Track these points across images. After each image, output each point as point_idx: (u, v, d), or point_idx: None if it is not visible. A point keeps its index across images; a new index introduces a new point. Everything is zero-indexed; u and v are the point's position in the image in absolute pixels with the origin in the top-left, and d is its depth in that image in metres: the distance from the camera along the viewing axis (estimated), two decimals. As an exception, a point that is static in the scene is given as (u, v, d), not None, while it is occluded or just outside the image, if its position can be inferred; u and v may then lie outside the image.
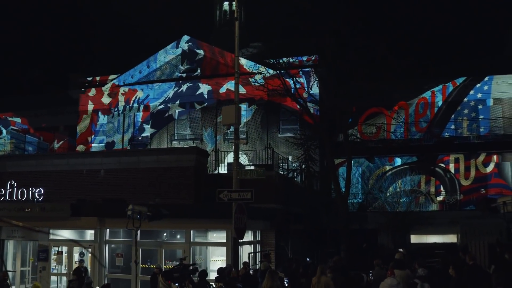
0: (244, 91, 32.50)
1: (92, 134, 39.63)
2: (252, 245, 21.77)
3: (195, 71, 37.62)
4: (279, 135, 34.49)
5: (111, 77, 39.81)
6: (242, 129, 33.29)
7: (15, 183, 23.14)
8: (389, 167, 35.16)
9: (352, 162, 25.66)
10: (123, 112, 38.96)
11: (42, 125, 41.84)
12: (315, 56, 32.79)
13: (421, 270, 13.97)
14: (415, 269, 14.82)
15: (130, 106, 38.85)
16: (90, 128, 39.78)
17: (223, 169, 32.25)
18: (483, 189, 33.42)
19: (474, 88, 34.88)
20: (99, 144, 39.14)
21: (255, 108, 35.44)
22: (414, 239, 29.14)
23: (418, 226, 27.48)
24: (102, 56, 61.27)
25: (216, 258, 19.71)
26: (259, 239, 22.34)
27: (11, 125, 43.08)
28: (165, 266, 18.49)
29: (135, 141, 38.23)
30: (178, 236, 20.08)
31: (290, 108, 32.74)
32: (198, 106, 37.09)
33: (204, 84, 37.04)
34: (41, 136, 41.54)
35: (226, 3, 43.42)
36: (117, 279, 20.04)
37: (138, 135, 38.51)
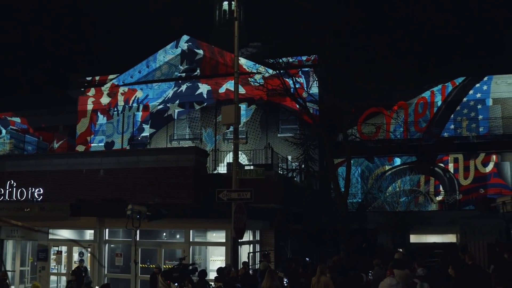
0: (244, 91, 32.49)
1: (91, 134, 39.62)
2: (251, 245, 21.77)
3: (195, 71, 37.61)
4: (279, 135, 34.48)
5: (110, 77, 39.80)
6: (241, 129, 33.30)
7: (15, 183, 23.14)
8: (388, 167, 35.18)
9: (351, 162, 25.66)
10: (122, 112, 38.95)
11: (41, 125, 41.82)
12: (314, 56, 32.80)
13: (421, 270, 13.98)
14: (414, 269, 14.83)
15: (130, 106, 38.84)
16: (89, 128, 39.77)
17: (222, 169, 32.26)
18: (482, 189, 33.44)
19: (473, 88, 34.89)
20: (99, 144, 39.13)
21: (254, 108, 35.43)
22: (414, 239, 29.16)
23: (417, 226, 27.48)
24: (101, 56, 61.33)
25: (216, 258, 19.71)
26: (258, 239, 22.34)
27: (11, 125, 43.07)
28: (165, 266, 18.49)
29: (134, 141, 38.22)
30: (177, 236, 20.08)
31: (289, 108, 32.73)
32: (198, 106, 37.08)
33: (203, 84, 37.03)
34: (41, 136, 41.52)
35: (225, 3, 43.42)
36: (117, 279, 20.04)
37: (137, 135, 38.51)
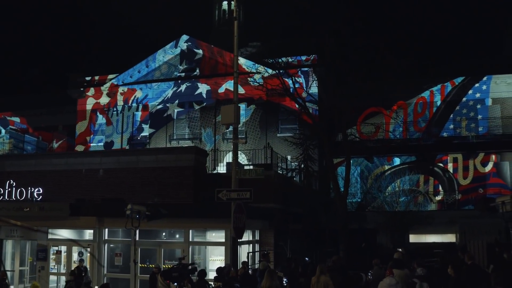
0: (243, 91, 32.48)
1: (90, 134, 39.61)
2: (251, 245, 21.78)
3: (194, 71, 37.60)
4: (278, 135, 34.47)
5: (110, 76, 39.77)
6: (241, 128, 33.31)
7: (14, 183, 23.15)
8: (387, 166, 35.19)
9: (351, 161, 25.66)
10: (121, 111, 38.94)
11: (41, 125, 41.79)
12: (314, 56, 32.78)
13: (420, 270, 13.98)
14: (414, 269, 14.83)
15: (129, 106, 38.83)
16: (89, 128, 39.76)
17: (222, 169, 32.24)
18: (481, 189, 33.45)
19: (472, 87, 34.88)
20: (98, 144, 39.12)
21: (254, 108, 35.43)
22: (413, 238, 29.19)
23: (417, 226, 27.51)
24: (101, 55, 61.31)
25: (215, 258, 19.72)
26: (258, 239, 22.35)
27: (10, 124, 43.04)
28: (164, 266, 18.50)
29: (134, 141, 38.21)
30: (177, 236, 20.09)
31: (289, 108, 32.73)
32: (197, 106, 37.07)
33: (203, 84, 37.02)
34: (40, 135, 41.49)
35: (225, 3, 43.40)
36: (116, 278, 20.05)
37: (137, 135, 38.49)
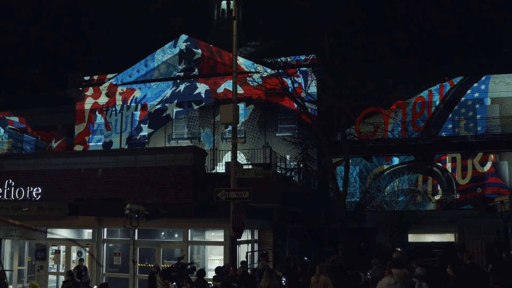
0: (242, 91, 32.45)
1: (89, 134, 39.60)
2: (250, 244, 21.78)
3: (193, 71, 37.60)
4: (277, 134, 34.48)
5: (109, 76, 39.76)
6: (240, 128, 33.30)
7: (13, 182, 23.12)
8: (386, 166, 35.21)
9: (350, 161, 25.67)
10: (120, 111, 38.93)
11: (40, 124, 41.76)
12: (313, 55, 32.80)
13: (419, 269, 14.02)
14: (413, 268, 14.87)
15: (128, 106, 38.83)
16: (87, 128, 39.75)
17: (221, 168, 32.21)
18: (479, 188, 33.46)
19: (471, 87, 34.90)
20: (97, 143, 39.11)
21: (252, 108, 35.44)
22: (412, 238, 29.20)
23: (415, 225, 27.54)
24: (100, 55, 61.19)
25: (214, 257, 19.73)
26: (257, 238, 22.34)
27: (9, 124, 43.03)
28: (163, 265, 18.51)
29: (132, 141, 38.21)
30: (176, 235, 20.09)
31: (288, 108, 32.75)
32: (196, 106, 37.07)
33: (201, 84, 37.02)
34: (39, 135, 41.47)
35: (224, 2, 43.44)
36: (115, 278, 20.05)
37: (135, 135, 38.49)
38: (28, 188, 22.75)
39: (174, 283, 14.52)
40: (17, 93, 46.21)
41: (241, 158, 33.42)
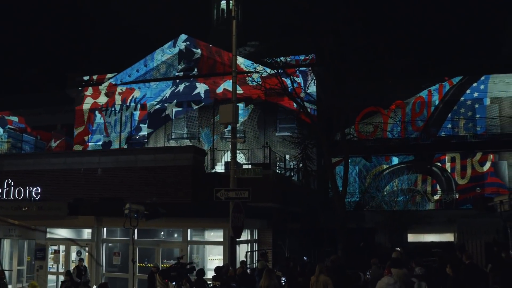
0: (241, 91, 32.47)
1: (89, 134, 39.58)
2: (249, 244, 21.79)
3: (192, 71, 37.58)
4: (276, 134, 34.48)
5: (108, 76, 39.72)
6: (239, 128, 33.29)
7: (12, 182, 23.11)
8: (386, 166, 35.20)
9: (349, 161, 25.67)
10: (120, 111, 38.92)
11: (39, 124, 41.74)
12: (312, 55, 32.81)
13: (418, 269, 14.03)
14: (412, 268, 14.87)
15: (127, 105, 38.81)
16: (87, 128, 39.74)
17: (220, 168, 32.22)
18: (478, 188, 33.46)
19: (470, 87, 34.88)
20: (96, 143, 39.10)
21: (252, 108, 35.44)
22: (411, 238, 29.18)
23: (415, 225, 27.52)
24: (99, 55, 61.25)
25: (213, 257, 19.74)
26: (256, 238, 22.36)
27: (8, 124, 42.99)
28: (163, 265, 18.51)
29: (132, 140, 38.20)
30: (175, 235, 20.10)
31: (287, 108, 32.76)
32: (195, 106, 37.07)
33: (201, 84, 37.01)
34: (38, 135, 41.45)
35: (223, 2, 43.41)
36: (115, 278, 20.06)
37: (135, 135, 38.48)
38: (27, 187, 22.74)
39: (174, 283, 14.53)
40: (16, 93, 46.25)
41: (241, 158, 33.41)
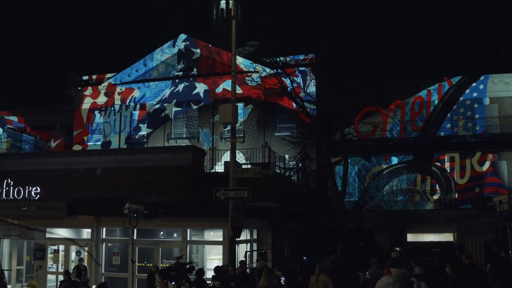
0: (241, 91, 32.49)
1: (88, 134, 39.58)
2: (248, 244, 21.79)
3: (192, 70, 37.59)
4: (276, 134, 34.48)
5: (107, 75, 39.73)
6: (238, 127, 33.30)
7: (12, 182, 23.10)
8: (385, 165, 35.21)
9: (348, 160, 25.67)
10: (119, 111, 38.91)
11: (39, 124, 41.73)
12: (312, 55, 32.83)
13: (418, 269, 14.03)
14: (411, 268, 14.87)
15: (127, 105, 38.80)
16: (86, 127, 39.73)
17: (220, 168, 32.20)
18: (477, 188, 33.47)
19: (470, 87, 34.90)
20: (95, 143, 39.09)
21: (251, 108, 35.44)
22: (411, 237, 29.19)
23: (414, 225, 27.54)
24: (99, 54, 61.23)
25: (213, 257, 19.74)
26: (255, 238, 22.36)
27: (8, 123, 42.97)
28: (162, 265, 18.50)
29: (131, 140, 38.19)
30: (174, 235, 20.10)
31: (286, 108, 32.77)
32: (195, 106, 37.07)
33: (200, 83, 37.01)
34: (38, 135, 41.43)
35: (223, 2, 43.45)
36: (114, 277, 20.05)
37: (134, 134, 38.48)
38: (27, 187, 22.73)
39: (173, 283, 14.53)
40: (16, 93, 46.16)
41: (240, 158, 33.41)
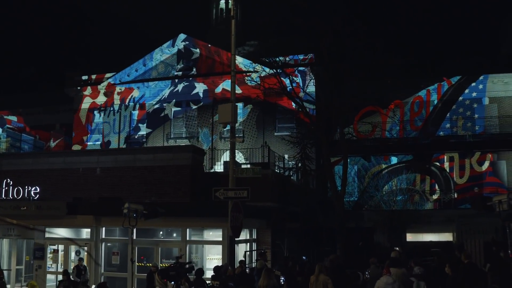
0: (240, 91, 32.50)
1: (87, 133, 39.57)
2: (248, 244, 21.80)
3: (191, 70, 37.59)
4: (275, 134, 34.49)
5: (107, 75, 39.73)
6: (238, 127, 33.32)
7: (11, 181, 23.08)
8: (384, 165, 35.22)
9: (348, 160, 25.66)
10: (118, 111, 38.90)
11: (38, 124, 41.72)
12: (311, 55, 32.83)
13: (417, 269, 14.01)
14: (411, 268, 14.86)
15: (126, 105, 38.79)
16: (85, 127, 39.72)
17: (219, 168, 32.20)
18: (476, 188, 33.48)
19: (469, 87, 34.92)
20: (95, 143, 39.07)
21: (251, 107, 35.45)
22: (410, 237, 29.20)
23: (414, 225, 27.53)
24: (98, 54, 61.23)
25: (212, 257, 19.75)
26: (255, 238, 22.37)
27: (7, 123, 42.96)
28: (162, 265, 18.51)
29: (131, 140, 38.19)
30: (174, 235, 20.10)
31: (286, 108, 32.78)
32: (194, 106, 37.07)
33: (200, 83, 37.01)
34: (37, 134, 41.40)
35: (222, 2, 43.48)
36: (113, 277, 20.06)
37: (134, 134, 38.47)
38: (26, 187, 22.72)
39: (173, 283, 14.54)
40: (15, 92, 46.15)
41: (240, 158, 33.41)
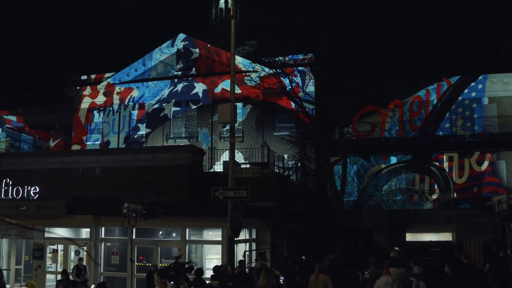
0: (240, 91, 32.49)
1: (87, 133, 39.55)
2: (247, 243, 21.80)
3: (191, 70, 37.58)
4: (275, 134, 34.49)
5: (106, 75, 39.71)
6: (237, 127, 33.31)
7: (10, 181, 23.07)
8: (384, 165, 35.23)
9: (347, 160, 25.67)
10: (118, 110, 38.89)
11: (38, 124, 41.70)
12: (311, 55, 32.83)
13: (417, 268, 14.00)
14: (410, 267, 14.86)
15: (125, 105, 38.78)
16: (85, 127, 39.70)
17: (218, 167, 32.18)
18: (476, 188, 33.49)
19: (468, 86, 34.93)
20: (94, 142, 39.06)
21: (250, 107, 35.44)
22: (410, 237, 29.20)
23: (413, 225, 27.54)
24: (98, 54, 61.16)
25: (212, 256, 19.75)
26: (254, 237, 22.37)
27: (7, 123, 42.93)
28: (161, 264, 18.50)
29: (130, 140, 38.18)
30: (173, 234, 20.10)
31: (285, 107, 32.77)
32: (194, 105, 37.06)
33: (199, 83, 37.00)
34: (37, 134, 41.39)
35: (222, 1, 43.49)
36: (113, 277, 20.05)
37: (133, 134, 38.46)
38: (25, 187, 22.71)
39: (172, 282, 14.53)
40: (14, 92, 46.09)
41: (239, 157, 33.41)
